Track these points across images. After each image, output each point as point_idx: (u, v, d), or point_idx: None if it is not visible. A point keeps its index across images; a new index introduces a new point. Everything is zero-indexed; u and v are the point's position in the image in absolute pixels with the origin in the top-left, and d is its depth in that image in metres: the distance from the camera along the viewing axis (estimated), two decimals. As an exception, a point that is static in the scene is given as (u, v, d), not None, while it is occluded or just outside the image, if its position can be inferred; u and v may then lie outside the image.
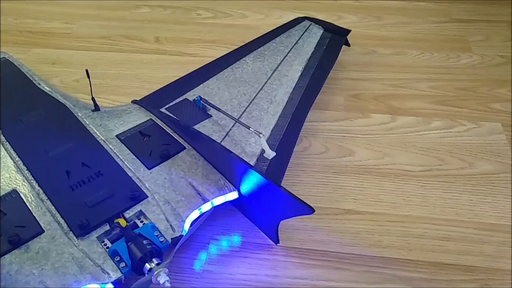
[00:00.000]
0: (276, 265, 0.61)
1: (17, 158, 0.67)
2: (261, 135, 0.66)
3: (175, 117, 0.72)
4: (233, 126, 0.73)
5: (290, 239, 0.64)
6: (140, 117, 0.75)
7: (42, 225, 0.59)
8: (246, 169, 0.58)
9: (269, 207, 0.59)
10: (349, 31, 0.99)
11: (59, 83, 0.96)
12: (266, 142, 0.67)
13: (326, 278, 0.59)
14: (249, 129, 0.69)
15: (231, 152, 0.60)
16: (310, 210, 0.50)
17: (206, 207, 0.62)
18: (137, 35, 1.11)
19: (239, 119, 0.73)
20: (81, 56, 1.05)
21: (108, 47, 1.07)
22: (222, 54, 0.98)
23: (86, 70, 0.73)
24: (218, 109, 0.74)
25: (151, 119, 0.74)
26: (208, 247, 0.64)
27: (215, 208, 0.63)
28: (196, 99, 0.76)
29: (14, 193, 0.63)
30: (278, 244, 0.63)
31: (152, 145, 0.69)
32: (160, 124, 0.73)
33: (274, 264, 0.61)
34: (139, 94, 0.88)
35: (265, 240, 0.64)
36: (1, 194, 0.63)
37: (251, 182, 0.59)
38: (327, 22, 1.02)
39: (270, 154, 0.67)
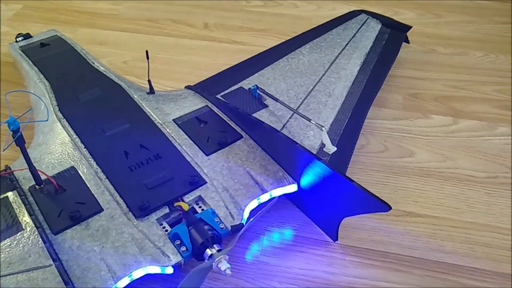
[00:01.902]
0: (334, 262, 0.63)
1: (75, 136, 0.70)
2: (323, 129, 0.68)
3: (233, 105, 0.75)
4: (290, 118, 0.75)
5: (348, 237, 0.66)
6: (195, 102, 0.78)
7: (101, 203, 0.62)
8: (313, 162, 0.60)
9: (332, 203, 0.61)
10: (409, 27, 1.00)
11: (108, 64, 0.99)
12: (327, 136, 0.69)
13: (386, 279, 0.61)
14: (310, 122, 0.70)
15: (297, 143, 0.62)
16: (387, 207, 0.52)
17: (264, 197, 0.64)
18: (185, 20, 1.14)
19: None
20: (128, 38, 1.09)
21: (156, 30, 1.10)
22: (273, 44, 1.00)
23: (146, 52, 0.76)
24: (276, 99, 0.76)
25: (207, 105, 0.77)
26: (262, 239, 0.66)
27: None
28: (252, 88, 0.78)
29: (73, 170, 0.66)
30: (336, 242, 0.65)
31: (209, 132, 0.72)
32: (216, 111, 0.76)
33: (331, 261, 0.63)
34: (189, 80, 0.91)
35: (321, 236, 0.66)
36: (60, 170, 0.66)
37: (315, 175, 0.61)
38: (385, 16, 1.03)
39: (331, 148, 0.68)
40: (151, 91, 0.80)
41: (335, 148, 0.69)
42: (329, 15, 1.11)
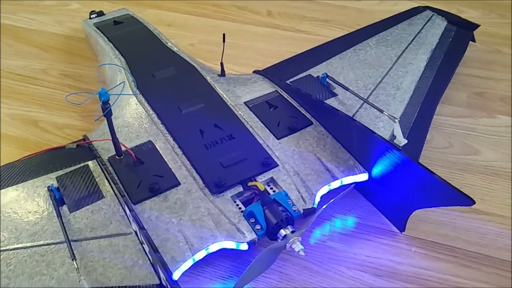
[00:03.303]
0: (400, 252, 0.62)
1: (151, 111, 0.72)
2: (396, 120, 0.67)
3: (305, 91, 0.74)
4: (360, 108, 0.74)
5: (414, 229, 0.65)
6: (265, 87, 0.78)
7: (178, 177, 0.63)
8: (392, 153, 0.59)
9: (404, 194, 0.60)
10: (477, 25, 0.97)
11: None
12: (396, 128, 0.68)
13: (453, 273, 0.60)
14: (382, 113, 0.70)
15: (374, 133, 0.61)
16: (470, 201, 0.51)
17: (335, 184, 0.64)
18: (249, 6, 1.14)
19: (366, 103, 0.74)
20: (195, 21, 1.09)
21: (221, 15, 1.11)
22: (336, 35, 0.99)
23: (223, 35, 0.77)
24: (347, 89, 0.75)
25: (276, 90, 0.77)
26: (329, 224, 0.66)
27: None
28: (322, 76, 0.78)
29: (150, 144, 0.67)
30: (402, 232, 0.64)
31: (279, 116, 0.72)
32: (286, 97, 0.76)
33: (397, 251, 0.62)
34: (254, 65, 0.91)
35: (387, 226, 0.66)
36: (137, 144, 0.67)
37: (390, 166, 0.60)
38: (452, 14, 1.01)
39: (402, 141, 0.67)
40: (222, 73, 0.80)
41: (406, 141, 0.68)
42: (391, 10, 1.09)
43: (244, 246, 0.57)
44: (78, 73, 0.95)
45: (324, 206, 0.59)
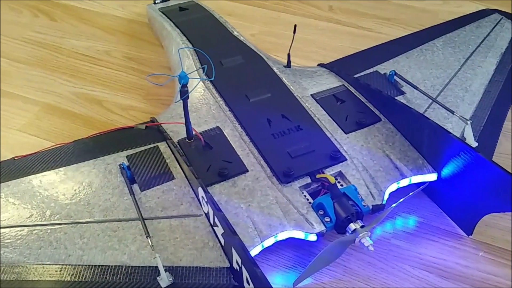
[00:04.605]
0: (467, 256, 0.61)
1: (219, 98, 0.73)
2: (468, 122, 0.66)
3: (375, 87, 0.74)
4: (428, 107, 0.73)
5: (481, 233, 0.64)
6: (331, 81, 0.78)
7: (246, 164, 0.64)
8: (465, 153, 0.58)
9: (475, 197, 0.59)
10: (548, 31, 0.94)
11: (236, 35, 1.01)
12: (466, 131, 0.67)
13: (522, 282, 0.59)
14: (453, 114, 0.69)
15: (450, 132, 0.61)
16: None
17: (404, 182, 0.64)
18: (310, 1, 1.14)
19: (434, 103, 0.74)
20: (254, 12, 1.10)
21: (282, 7, 1.11)
22: (399, 33, 0.98)
23: (295, 26, 0.77)
24: (415, 87, 0.75)
25: (343, 85, 0.77)
26: (394, 223, 0.65)
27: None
28: (390, 73, 0.77)
29: (218, 130, 0.68)
30: (469, 236, 0.63)
31: (347, 111, 0.72)
32: (353, 92, 0.75)
33: (464, 254, 0.62)
34: (316, 59, 0.91)
35: (452, 228, 0.65)
36: (205, 129, 0.68)
37: (464, 169, 0.59)
38: (523, 18, 0.98)
39: (472, 143, 0.66)
40: (288, 65, 0.81)
41: (476, 144, 0.67)
42: (456, 12, 1.07)
43: (312, 237, 0.57)
44: (141, 57, 0.97)
45: (394, 204, 0.59)
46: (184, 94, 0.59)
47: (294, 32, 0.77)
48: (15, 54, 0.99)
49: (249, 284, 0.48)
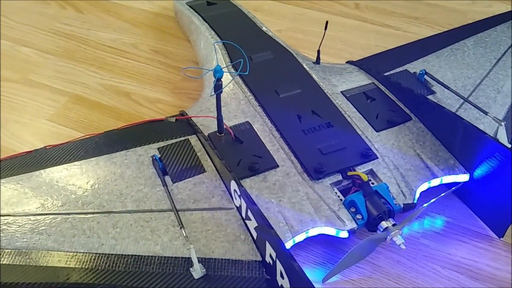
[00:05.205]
0: (498, 258, 0.61)
1: (248, 93, 0.73)
2: (502, 123, 0.66)
3: (406, 86, 0.73)
4: (459, 108, 0.73)
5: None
6: (361, 78, 0.78)
7: (276, 160, 0.64)
8: (501, 154, 0.58)
9: (509, 199, 0.59)
10: None
11: (263, 30, 1.01)
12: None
13: (555, 286, 0.59)
14: (486, 115, 0.69)
15: (485, 133, 0.60)
16: None
17: (435, 182, 0.64)
18: (336, -2, 1.14)
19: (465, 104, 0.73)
20: (280, 8, 1.10)
21: (308, 4, 1.11)
22: (427, 33, 0.98)
23: (326, 22, 0.77)
24: (447, 87, 0.74)
25: (373, 83, 0.76)
26: (423, 222, 0.65)
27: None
28: (420, 72, 0.77)
29: (248, 124, 0.69)
30: (500, 238, 0.63)
31: (377, 109, 0.72)
32: (383, 90, 0.75)
33: (495, 257, 0.61)
34: (343, 56, 0.91)
35: (483, 230, 0.64)
36: (235, 123, 0.69)
37: (496, 169, 0.59)
38: (553, 20, 0.97)
39: (506, 145, 0.66)
40: (317, 61, 0.81)
41: (510, 146, 0.66)
42: (485, 12, 1.07)
43: (344, 234, 0.58)
44: (168, 50, 0.98)
45: (426, 204, 0.59)
46: (219, 88, 0.59)
47: (326, 28, 0.77)
48: (43, 45, 1.01)
49: (283, 278, 0.49)
